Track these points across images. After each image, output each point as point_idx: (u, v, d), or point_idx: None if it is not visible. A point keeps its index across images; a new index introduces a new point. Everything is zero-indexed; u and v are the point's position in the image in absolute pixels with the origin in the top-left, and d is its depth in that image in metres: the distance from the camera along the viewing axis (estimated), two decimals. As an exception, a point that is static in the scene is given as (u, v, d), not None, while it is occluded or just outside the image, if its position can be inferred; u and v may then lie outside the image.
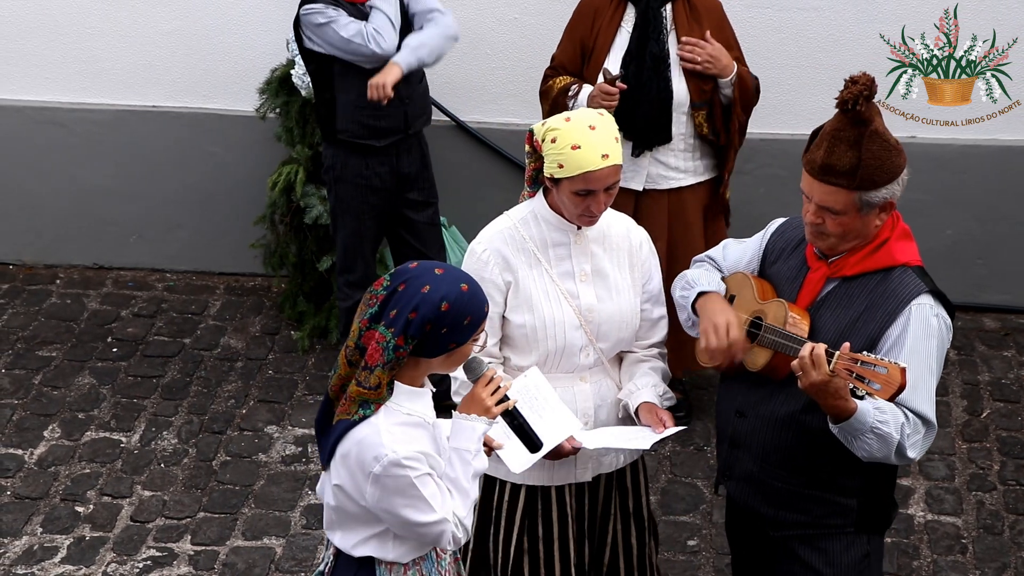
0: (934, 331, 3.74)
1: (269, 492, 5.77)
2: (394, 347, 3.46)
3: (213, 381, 6.43)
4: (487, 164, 6.88)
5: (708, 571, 5.37)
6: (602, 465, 4.27)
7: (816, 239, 3.83)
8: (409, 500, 3.52)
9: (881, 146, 3.70)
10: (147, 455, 5.97)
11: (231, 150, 6.99)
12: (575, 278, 4.11)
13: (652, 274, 4.23)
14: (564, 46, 5.77)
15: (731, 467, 4.07)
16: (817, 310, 3.85)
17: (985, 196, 6.71)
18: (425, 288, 3.45)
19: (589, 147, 3.90)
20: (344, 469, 3.56)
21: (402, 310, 3.45)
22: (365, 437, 3.50)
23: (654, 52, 5.59)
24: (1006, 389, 6.33)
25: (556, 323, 4.07)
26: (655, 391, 4.16)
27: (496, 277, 4.07)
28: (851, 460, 3.82)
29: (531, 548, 4.26)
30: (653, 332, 4.26)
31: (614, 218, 4.20)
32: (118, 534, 5.56)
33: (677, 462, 5.91)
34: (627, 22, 5.66)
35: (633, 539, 4.38)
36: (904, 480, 5.74)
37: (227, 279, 7.22)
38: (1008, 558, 5.40)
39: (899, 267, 3.80)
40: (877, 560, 4.05)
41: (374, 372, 3.48)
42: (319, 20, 5.76)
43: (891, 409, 3.66)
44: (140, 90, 7.00)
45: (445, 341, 3.50)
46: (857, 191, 3.70)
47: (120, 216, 7.17)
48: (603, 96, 5.48)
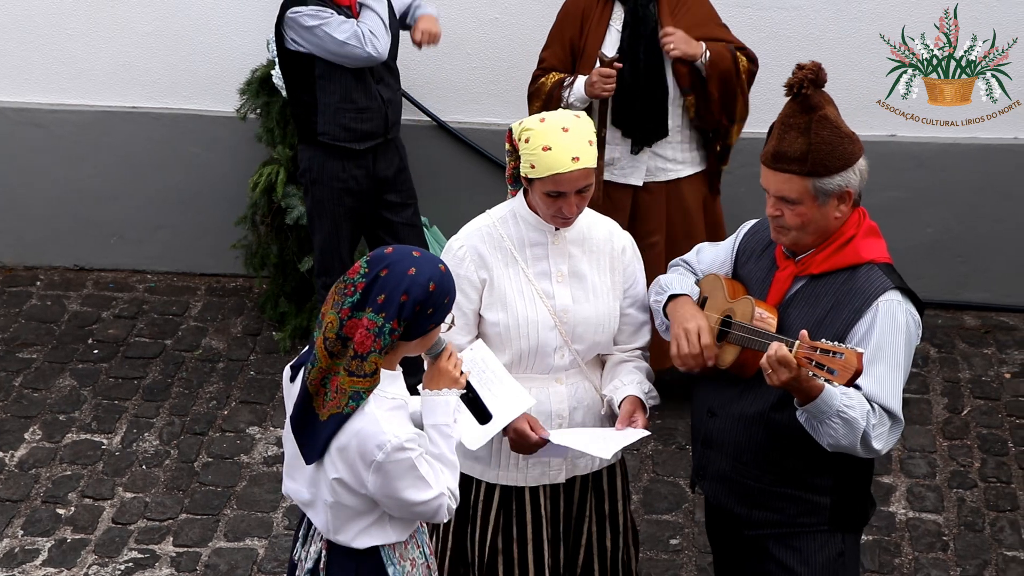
0: (901, 327, 3.75)
1: (251, 493, 5.76)
2: (389, 331, 3.51)
3: (194, 382, 6.42)
4: (468, 164, 6.88)
5: (691, 570, 5.38)
6: (577, 467, 4.27)
7: (778, 234, 3.85)
8: (410, 482, 3.57)
9: (832, 132, 3.73)
10: (128, 457, 5.96)
11: (212, 151, 6.98)
12: (551, 278, 4.11)
13: (637, 278, 4.22)
14: (554, 49, 5.77)
15: (705, 467, 4.08)
16: (786, 308, 3.86)
17: (965, 194, 6.73)
18: (411, 271, 3.51)
19: (560, 149, 3.91)
20: (342, 462, 3.59)
21: (391, 294, 3.49)
22: (363, 428, 3.54)
23: (648, 49, 5.61)
24: (986, 387, 6.35)
25: (530, 322, 4.08)
26: (640, 387, 4.17)
27: (471, 274, 4.08)
28: (823, 458, 3.84)
29: (505, 548, 4.26)
30: (636, 336, 4.26)
31: (596, 221, 4.20)
32: (100, 536, 5.55)
33: (659, 461, 5.92)
34: (615, 21, 5.67)
35: (608, 542, 4.38)
36: (885, 478, 5.76)
37: (208, 280, 7.20)
38: (989, 555, 5.41)
39: (866, 264, 3.82)
40: (853, 558, 4.06)
41: (368, 359, 3.52)
42: (310, 22, 5.71)
43: (858, 396, 3.68)
44: (120, 91, 6.99)
45: (427, 322, 3.57)
46: (810, 177, 3.72)
47: (101, 217, 7.15)
48: (602, 80, 5.49)
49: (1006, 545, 5.46)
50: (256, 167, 6.66)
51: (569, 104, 5.62)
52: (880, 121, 6.63)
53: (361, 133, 5.89)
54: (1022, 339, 6.67)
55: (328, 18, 5.70)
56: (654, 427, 6.08)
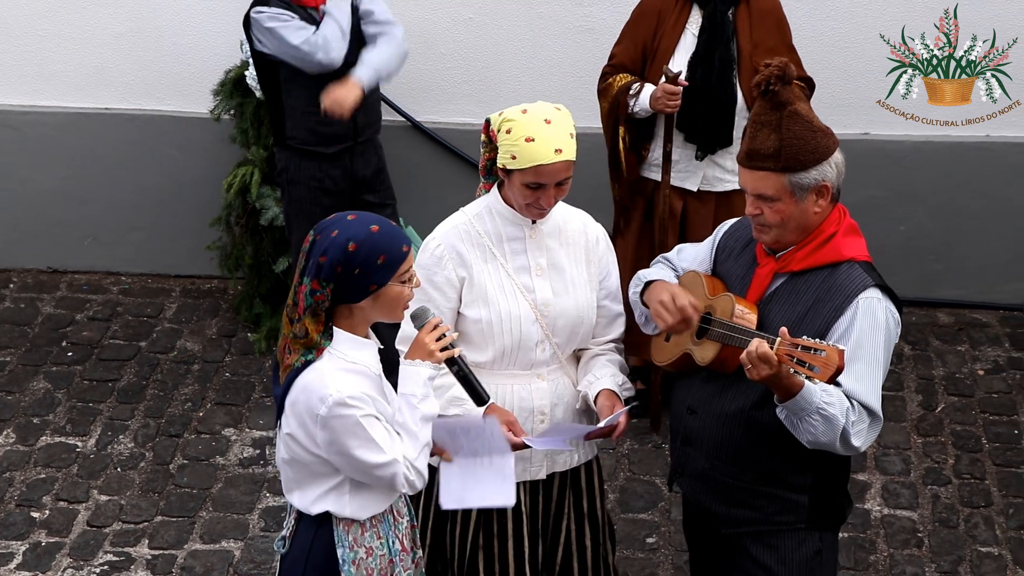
0: (881, 325, 3.77)
1: (227, 495, 5.75)
2: (310, 291, 3.59)
3: (169, 384, 6.41)
4: (443, 164, 6.87)
5: (667, 568, 5.38)
6: (556, 463, 4.27)
7: (759, 232, 3.86)
8: (358, 441, 3.61)
9: (803, 127, 3.74)
10: (103, 459, 5.94)
11: (185, 152, 6.96)
12: (531, 272, 4.12)
13: (609, 270, 4.24)
14: (625, 45, 5.73)
15: (683, 464, 4.09)
16: (766, 305, 3.87)
17: (939, 192, 6.76)
18: (334, 233, 3.60)
19: (543, 140, 3.92)
20: (294, 417, 3.66)
21: (315, 256, 3.59)
22: (310, 382, 3.62)
23: (723, 56, 5.60)
24: (960, 383, 6.38)
25: (512, 317, 4.08)
26: (614, 380, 4.19)
27: (450, 273, 4.08)
28: (801, 456, 3.85)
29: (486, 544, 4.27)
30: (611, 329, 4.28)
31: (570, 213, 4.21)
32: (74, 539, 5.53)
33: (635, 460, 5.93)
34: (692, 25, 5.65)
35: (587, 539, 4.39)
36: (860, 475, 5.78)
37: (183, 281, 7.19)
38: (963, 551, 5.44)
39: (846, 262, 3.83)
40: (830, 557, 4.07)
41: (300, 321, 3.62)
42: (268, 23, 5.71)
43: (838, 394, 3.69)
44: (93, 93, 6.96)
45: (363, 283, 3.60)
46: (785, 173, 3.73)
47: (74, 219, 7.13)
48: (667, 96, 5.48)
49: (980, 541, 5.48)
50: (230, 168, 6.64)
51: (633, 112, 5.62)
52: (853, 119, 6.65)
53: (327, 136, 5.87)
54: (995, 336, 6.70)
55: (286, 21, 5.69)
56: (631, 426, 6.08)
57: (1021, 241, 6.80)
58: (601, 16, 6.51)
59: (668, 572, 5.37)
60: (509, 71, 6.76)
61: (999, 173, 6.71)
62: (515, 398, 4.15)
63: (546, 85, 6.67)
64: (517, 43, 6.73)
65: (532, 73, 6.74)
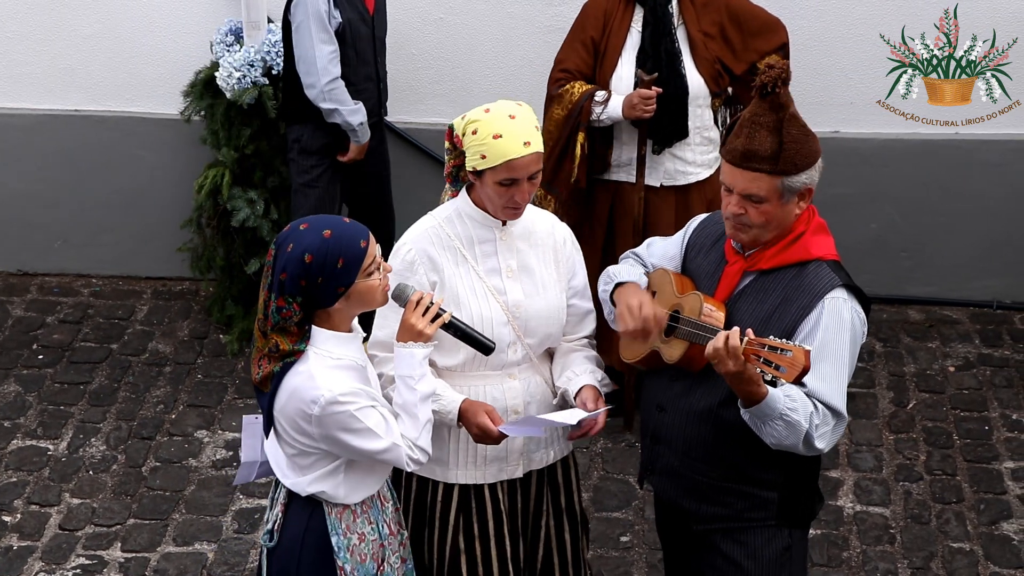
0: (847, 325, 3.78)
1: (200, 497, 5.73)
2: (276, 309, 3.61)
3: (141, 386, 6.38)
4: (415, 164, 6.87)
5: (641, 567, 5.39)
6: (532, 461, 4.28)
7: (738, 231, 3.86)
8: (354, 433, 3.66)
9: (800, 130, 3.75)
10: (75, 462, 5.92)
11: (156, 153, 6.94)
12: (501, 274, 4.12)
13: (576, 269, 4.25)
14: (574, 48, 5.72)
15: (654, 462, 4.10)
16: (734, 303, 3.88)
17: (908, 190, 6.79)
18: (289, 247, 3.60)
19: (510, 135, 3.93)
20: (284, 420, 3.70)
21: (276, 273, 3.61)
22: (298, 386, 3.64)
23: (668, 49, 5.61)
24: (931, 380, 6.41)
25: (484, 320, 4.08)
26: (594, 376, 4.20)
27: (422, 277, 4.08)
28: (770, 454, 3.86)
29: (467, 547, 4.26)
30: (582, 326, 4.29)
31: (538, 215, 4.23)
32: (46, 543, 5.51)
33: (609, 459, 5.93)
34: (636, 22, 5.67)
35: (567, 535, 4.40)
36: (833, 472, 5.80)
37: (154, 283, 7.16)
38: (935, 547, 5.46)
39: (814, 261, 3.84)
40: (800, 553, 4.08)
41: (270, 337, 3.65)
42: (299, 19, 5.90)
43: (801, 398, 3.70)
44: (62, 94, 6.94)
45: (330, 289, 3.62)
46: (780, 176, 3.74)
47: (44, 221, 7.10)
48: (643, 102, 5.49)
49: (952, 537, 5.51)
50: (201, 170, 6.62)
51: (600, 121, 5.62)
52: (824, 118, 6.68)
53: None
54: (966, 333, 6.74)
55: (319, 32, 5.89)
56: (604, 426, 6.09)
57: (990, 238, 6.84)
58: (571, 16, 6.48)
59: (642, 570, 5.37)
60: (480, 71, 6.76)
61: (969, 170, 6.74)
62: (488, 398, 4.15)
63: (517, 84, 6.68)
64: (488, 43, 6.74)
65: (503, 72, 6.75)
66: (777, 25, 5.76)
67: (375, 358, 4.13)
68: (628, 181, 5.76)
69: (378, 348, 4.12)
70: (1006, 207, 6.78)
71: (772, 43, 5.74)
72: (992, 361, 6.53)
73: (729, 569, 4.02)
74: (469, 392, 4.13)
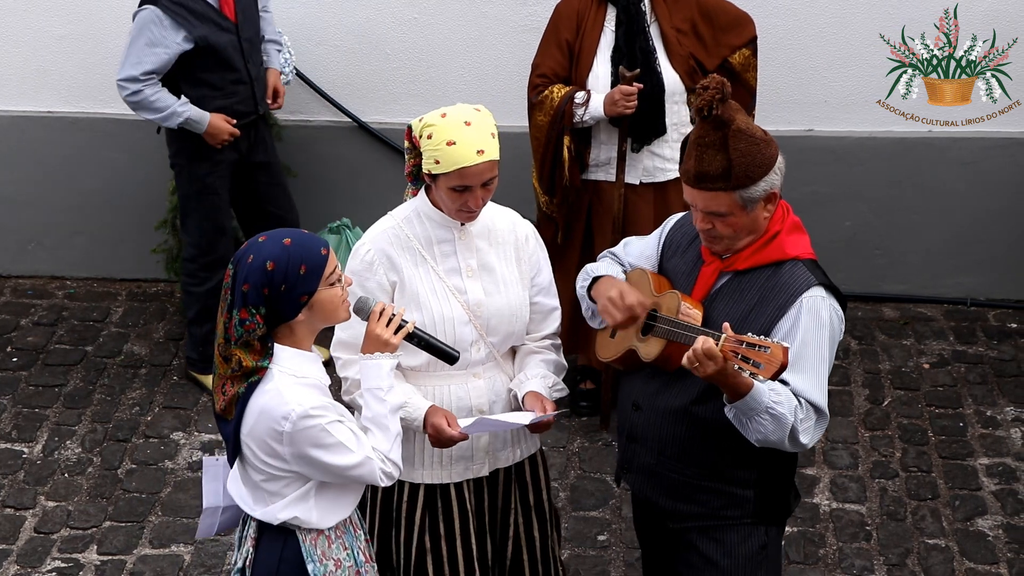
0: (825, 323, 3.79)
1: (176, 499, 5.72)
2: (239, 322, 3.56)
3: (117, 388, 6.36)
4: (389, 164, 6.86)
5: (618, 566, 5.40)
6: (498, 460, 4.29)
7: (711, 243, 3.88)
8: (325, 448, 3.62)
9: (748, 142, 3.74)
10: (50, 465, 5.89)
11: (129, 155, 6.92)
12: (461, 274, 4.12)
13: (541, 266, 4.26)
14: (550, 52, 5.72)
15: (630, 460, 4.11)
16: (711, 303, 3.89)
17: (882, 188, 6.81)
18: (250, 259, 3.58)
19: (464, 143, 3.92)
20: (254, 443, 3.65)
21: (237, 287, 3.57)
22: (266, 404, 3.60)
23: (643, 46, 5.62)
24: (906, 377, 6.43)
25: (445, 319, 4.08)
26: (544, 382, 4.20)
27: (381, 278, 4.08)
28: (746, 452, 3.87)
29: (434, 546, 4.26)
30: (546, 324, 4.29)
31: (499, 212, 4.23)
32: (22, 546, 5.49)
33: (585, 458, 5.94)
34: (610, 21, 5.67)
35: (536, 531, 4.40)
36: (809, 469, 5.82)
37: (129, 285, 7.14)
38: (911, 543, 5.48)
39: (790, 260, 3.85)
40: (776, 551, 4.10)
41: (232, 357, 3.60)
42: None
43: (785, 392, 3.71)
44: (34, 96, 6.91)
45: (293, 297, 3.59)
46: (736, 191, 3.74)
47: (18, 223, 7.07)
48: (625, 98, 5.49)
49: (927, 533, 5.53)
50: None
51: (583, 121, 5.62)
52: (797, 116, 6.70)
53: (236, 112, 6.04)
54: (940, 330, 6.76)
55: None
56: (581, 424, 6.11)
57: (964, 236, 6.87)
58: (545, 15, 6.48)
59: (620, 569, 5.38)
60: (454, 70, 6.76)
61: (941, 168, 6.77)
62: (452, 398, 4.16)
63: (491, 84, 6.68)
64: (462, 42, 6.74)
65: (477, 72, 6.75)
66: (746, 19, 5.79)
67: (339, 360, 4.13)
68: (607, 180, 5.77)
69: (341, 350, 4.12)
70: (979, 204, 6.81)
71: (743, 37, 5.76)
72: (966, 358, 6.56)
73: (705, 567, 4.03)
74: (434, 392, 4.14)
